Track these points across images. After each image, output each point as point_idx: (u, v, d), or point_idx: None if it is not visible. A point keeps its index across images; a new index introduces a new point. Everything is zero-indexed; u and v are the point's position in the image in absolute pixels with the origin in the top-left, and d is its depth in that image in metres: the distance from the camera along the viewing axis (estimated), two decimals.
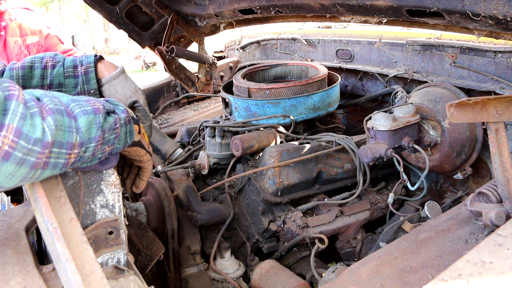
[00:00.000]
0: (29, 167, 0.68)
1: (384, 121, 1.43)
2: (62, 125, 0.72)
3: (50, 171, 0.74)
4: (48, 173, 0.74)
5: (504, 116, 0.97)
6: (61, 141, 0.72)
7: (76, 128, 0.75)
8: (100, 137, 0.80)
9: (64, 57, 1.41)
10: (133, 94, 1.46)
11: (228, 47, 3.21)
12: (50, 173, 0.75)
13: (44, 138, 0.69)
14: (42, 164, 0.70)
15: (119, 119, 0.87)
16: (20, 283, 0.79)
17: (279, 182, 1.51)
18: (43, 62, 1.35)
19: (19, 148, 0.66)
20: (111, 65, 1.45)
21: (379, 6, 1.48)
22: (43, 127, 0.69)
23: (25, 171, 0.68)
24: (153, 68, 13.37)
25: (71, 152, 0.74)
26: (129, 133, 0.92)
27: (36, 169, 0.70)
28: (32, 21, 3.14)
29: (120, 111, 0.89)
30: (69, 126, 0.74)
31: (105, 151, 0.85)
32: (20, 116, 0.66)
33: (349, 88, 2.29)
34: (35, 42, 3.10)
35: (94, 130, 0.78)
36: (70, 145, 0.74)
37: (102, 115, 0.81)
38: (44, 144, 0.69)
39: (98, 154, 0.83)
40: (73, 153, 0.75)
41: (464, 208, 1.13)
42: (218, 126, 1.71)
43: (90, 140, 0.78)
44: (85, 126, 0.77)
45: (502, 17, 1.20)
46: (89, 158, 0.82)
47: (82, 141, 0.76)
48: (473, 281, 0.66)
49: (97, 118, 0.79)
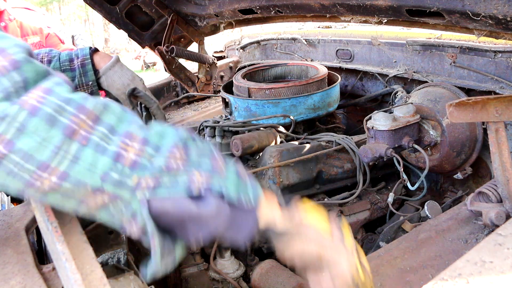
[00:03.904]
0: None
1: (384, 121, 1.43)
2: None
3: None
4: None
5: (504, 116, 0.97)
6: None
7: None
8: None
9: (60, 52, 1.41)
10: (130, 82, 1.45)
11: (228, 47, 3.21)
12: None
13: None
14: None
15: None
16: (20, 283, 0.79)
17: (279, 182, 1.51)
18: (39, 58, 1.35)
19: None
20: (106, 56, 1.45)
21: (379, 6, 1.48)
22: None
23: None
24: (153, 68, 13.38)
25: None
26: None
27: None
28: (33, 21, 3.14)
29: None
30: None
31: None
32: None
33: (349, 88, 2.29)
34: (36, 42, 3.10)
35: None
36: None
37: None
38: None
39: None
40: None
41: (464, 208, 1.14)
42: (218, 126, 1.71)
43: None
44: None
45: (502, 17, 1.20)
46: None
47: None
48: (473, 281, 0.66)
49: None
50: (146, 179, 0.66)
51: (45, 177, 0.62)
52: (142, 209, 0.67)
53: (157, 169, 0.67)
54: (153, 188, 0.67)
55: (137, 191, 0.66)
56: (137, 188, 0.66)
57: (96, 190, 0.65)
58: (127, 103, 1.47)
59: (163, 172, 0.67)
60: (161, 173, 0.67)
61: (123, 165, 0.65)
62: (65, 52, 1.40)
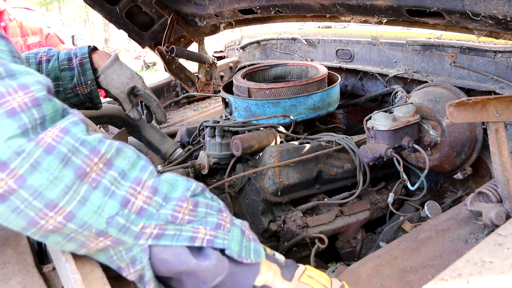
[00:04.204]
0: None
1: (384, 121, 1.43)
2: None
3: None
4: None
5: (504, 116, 0.97)
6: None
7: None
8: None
9: (58, 51, 1.39)
10: (130, 80, 1.44)
11: (228, 47, 3.21)
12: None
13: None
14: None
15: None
16: (20, 283, 0.79)
17: (279, 182, 1.51)
18: (37, 57, 1.34)
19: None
20: (105, 54, 1.43)
21: (379, 6, 1.48)
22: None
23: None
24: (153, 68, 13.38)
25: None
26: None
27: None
28: (33, 21, 3.14)
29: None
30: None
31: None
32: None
33: (349, 88, 2.29)
34: (36, 42, 3.10)
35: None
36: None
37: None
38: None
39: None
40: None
41: (464, 208, 1.14)
42: (218, 126, 1.71)
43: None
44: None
45: (502, 17, 1.20)
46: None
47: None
48: (473, 281, 0.66)
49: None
50: (151, 227, 0.68)
51: (50, 216, 0.62)
52: (143, 256, 0.69)
53: (163, 219, 0.69)
54: (157, 236, 0.69)
55: (141, 238, 0.68)
56: (141, 235, 0.68)
57: (100, 233, 0.66)
58: (126, 102, 1.46)
59: (169, 223, 0.69)
60: (167, 223, 0.69)
61: (130, 211, 0.67)
62: (63, 51, 1.38)
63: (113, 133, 2.15)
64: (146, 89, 1.49)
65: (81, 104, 1.41)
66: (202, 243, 0.71)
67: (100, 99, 1.44)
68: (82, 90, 1.36)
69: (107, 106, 1.78)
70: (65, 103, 1.35)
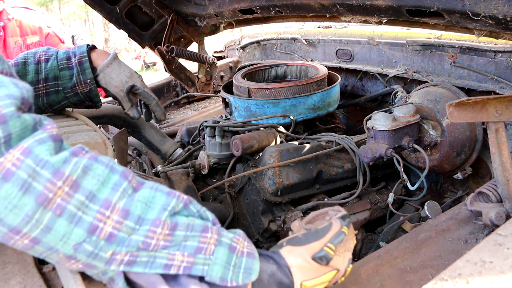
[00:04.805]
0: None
1: (384, 121, 1.43)
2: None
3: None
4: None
5: (504, 116, 0.97)
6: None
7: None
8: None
9: (57, 50, 1.38)
10: (128, 79, 1.44)
11: (228, 47, 3.21)
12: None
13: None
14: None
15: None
16: (20, 283, 0.79)
17: (279, 182, 1.51)
18: (36, 57, 1.33)
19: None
20: (104, 53, 1.43)
21: (379, 6, 1.48)
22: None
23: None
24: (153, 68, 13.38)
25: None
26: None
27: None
28: (33, 20, 3.14)
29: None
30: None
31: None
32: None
33: (349, 88, 2.29)
34: (35, 41, 3.10)
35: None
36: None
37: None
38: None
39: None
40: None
41: (464, 208, 1.14)
42: (218, 126, 1.71)
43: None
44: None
45: (502, 17, 1.20)
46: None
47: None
48: (473, 281, 0.66)
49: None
50: (121, 253, 0.65)
51: (17, 238, 0.61)
52: (118, 279, 0.67)
53: (134, 245, 0.65)
54: (128, 263, 0.66)
55: (112, 264, 0.65)
56: (112, 261, 0.65)
57: (69, 257, 0.64)
58: (125, 100, 1.45)
59: (140, 249, 0.66)
60: (138, 250, 0.66)
61: (99, 238, 0.63)
62: (62, 50, 1.38)
63: (113, 133, 2.15)
64: (145, 87, 1.49)
65: (80, 103, 1.41)
66: (178, 271, 0.67)
67: (99, 97, 1.44)
68: (82, 89, 1.36)
69: (107, 106, 1.78)
70: (64, 102, 1.37)
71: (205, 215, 0.75)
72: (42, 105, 1.33)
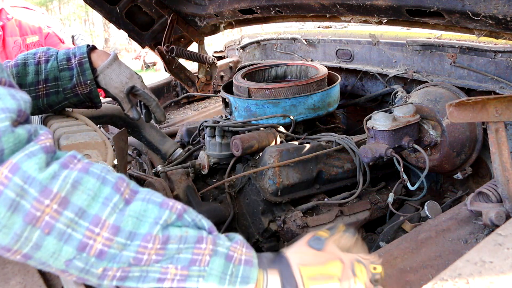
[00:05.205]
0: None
1: (384, 121, 1.43)
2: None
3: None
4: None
5: (504, 116, 0.97)
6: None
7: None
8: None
9: (57, 50, 1.38)
10: (128, 80, 1.43)
11: (228, 47, 3.21)
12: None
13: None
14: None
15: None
16: (20, 283, 0.79)
17: (279, 182, 1.51)
18: (36, 57, 1.33)
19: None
20: (104, 53, 1.42)
21: (379, 6, 1.48)
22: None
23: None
24: (153, 68, 13.38)
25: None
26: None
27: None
28: (32, 20, 3.14)
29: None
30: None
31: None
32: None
33: (349, 88, 2.29)
34: (35, 41, 3.09)
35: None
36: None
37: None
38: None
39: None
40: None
41: (464, 208, 1.14)
42: (218, 126, 1.71)
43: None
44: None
45: (502, 17, 1.20)
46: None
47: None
48: (473, 281, 0.66)
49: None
50: (113, 270, 0.65)
51: (9, 255, 0.62)
52: None
53: (125, 261, 0.65)
54: (121, 278, 0.66)
55: (105, 279, 0.66)
56: (104, 277, 0.65)
57: (62, 271, 0.65)
58: (125, 101, 1.45)
59: (132, 265, 0.65)
60: (130, 266, 0.65)
61: (89, 255, 0.63)
62: (62, 51, 1.37)
63: (113, 133, 2.15)
64: (145, 88, 1.49)
65: (80, 103, 1.41)
66: (171, 284, 0.67)
67: (99, 98, 1.44)
68: (82, 90, 1.36)
69: (107, 106, 1.78)
70: (64, 103, 1.37)
71: (200, 224, 0.74)
72: (42, 105, 1.33)
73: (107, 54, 1.43)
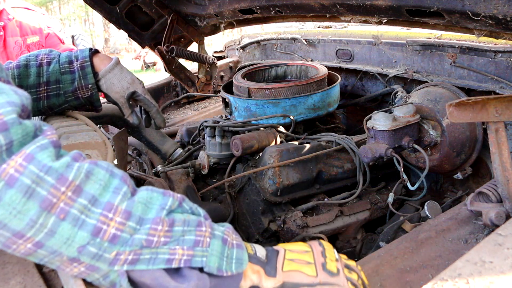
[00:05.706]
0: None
1: (384, 121, 1.43)
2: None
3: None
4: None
5: (504, 116, 0.97)
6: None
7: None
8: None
9: (59, 53, 1.38)
10: (130, 85, 1.43)
11: (228, 47, 3.21)
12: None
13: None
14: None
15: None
16: (20, 283, 0.79)
17: (279, 182, 1.51)
18: (38, 59, 1.33)
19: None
20: (106, 58, 1.42)
21: (379, 6, 1.48)
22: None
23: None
24: (153, 68, 13.38)
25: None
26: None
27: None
28: (33, 20, 3.14)
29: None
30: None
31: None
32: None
33: (349, 88, 2.29)
34: (35, 41, 3.10)
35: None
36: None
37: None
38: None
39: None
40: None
41: (464, 208, 1.14)
42: (218, 126, 1.71)
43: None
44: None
45: (502, 17, 1.20)
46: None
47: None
48: (473, 281, 0.66)
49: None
50: (125, 253, 0.67)
51: (20, 243, 0.62)
52: (122, 280, 0.68)
53: (138, 244, 0.67)
54: (132, 262, 0.68)
55: (116, 264, 0.67)
56: (115, 261, 0.67)
57: (72, 260, 0.65)
58: (126, 107, 1.45)
59: (144, 247, 0.68)
60: (142, 248, 0.68)
61: (102, 239, 0.65)
62: (64, 54, 1.37)
63: (113, 133, 2.15)
64: (146, 94, 1.49)
65: (81, 106, 1.41)
66: (179, 264, 0.70)
67: (100, 102, 1.44)
68: (83, 94, 1.36)
69: (107, 106, 1.78)
70: (65, 105, 1.37)
71: (197, 211, 0.78)
72: (43, 107, 1.33)
73: (109, 58, 1.43)
